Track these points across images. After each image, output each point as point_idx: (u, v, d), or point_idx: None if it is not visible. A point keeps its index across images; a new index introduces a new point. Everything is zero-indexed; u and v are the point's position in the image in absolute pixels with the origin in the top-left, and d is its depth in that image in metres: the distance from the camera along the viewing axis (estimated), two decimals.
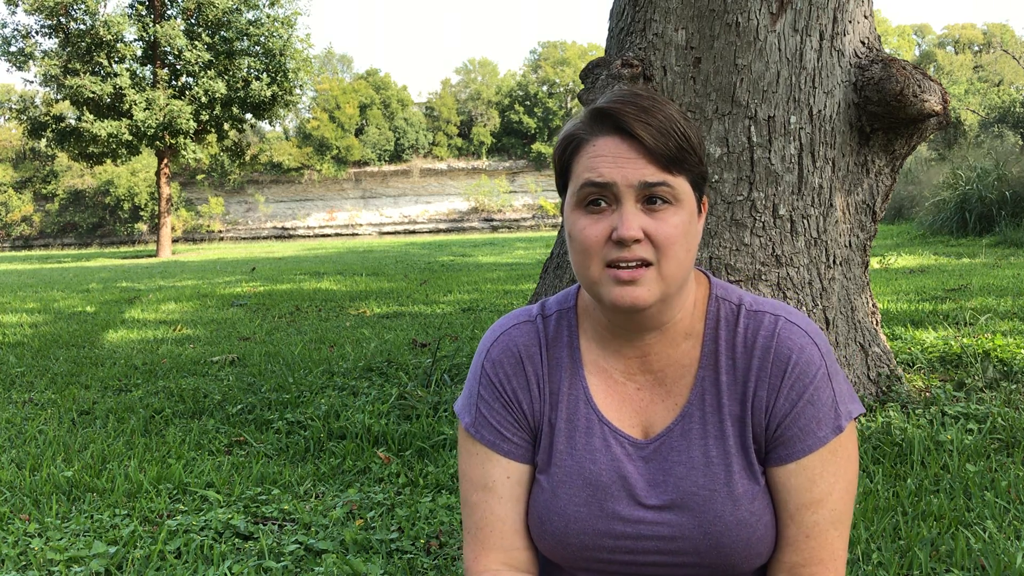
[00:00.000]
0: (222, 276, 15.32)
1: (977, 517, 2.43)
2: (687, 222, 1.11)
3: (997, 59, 55.81)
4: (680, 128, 1.09)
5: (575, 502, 1.17)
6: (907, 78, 3.49)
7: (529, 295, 8.47)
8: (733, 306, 1.19)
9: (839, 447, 1.13)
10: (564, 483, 1.18)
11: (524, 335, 1.24)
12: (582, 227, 1.10)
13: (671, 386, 1.19)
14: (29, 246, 56.13)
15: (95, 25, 28.47)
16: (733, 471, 1.14)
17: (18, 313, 9.35)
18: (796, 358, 1.14)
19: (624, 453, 1.18)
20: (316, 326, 7.33)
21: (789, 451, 1.13)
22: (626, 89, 1.14)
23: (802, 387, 1.13)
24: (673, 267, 1.09)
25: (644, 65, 3.53)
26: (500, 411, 1.22)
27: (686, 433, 1.17)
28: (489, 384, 1.23)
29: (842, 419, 1.13)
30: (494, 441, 1.21)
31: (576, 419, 1.20)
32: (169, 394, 4.57)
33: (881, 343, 3.78)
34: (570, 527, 1.16)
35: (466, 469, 1.23)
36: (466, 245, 27.28)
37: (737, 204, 3.44)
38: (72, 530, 2.65)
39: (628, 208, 1.08)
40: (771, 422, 1.14)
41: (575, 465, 1.19)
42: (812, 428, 1.13)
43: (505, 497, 1.21)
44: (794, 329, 1.15)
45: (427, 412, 3.74)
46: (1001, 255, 11.29)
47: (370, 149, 60.75)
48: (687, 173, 1.11)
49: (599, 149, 1.09)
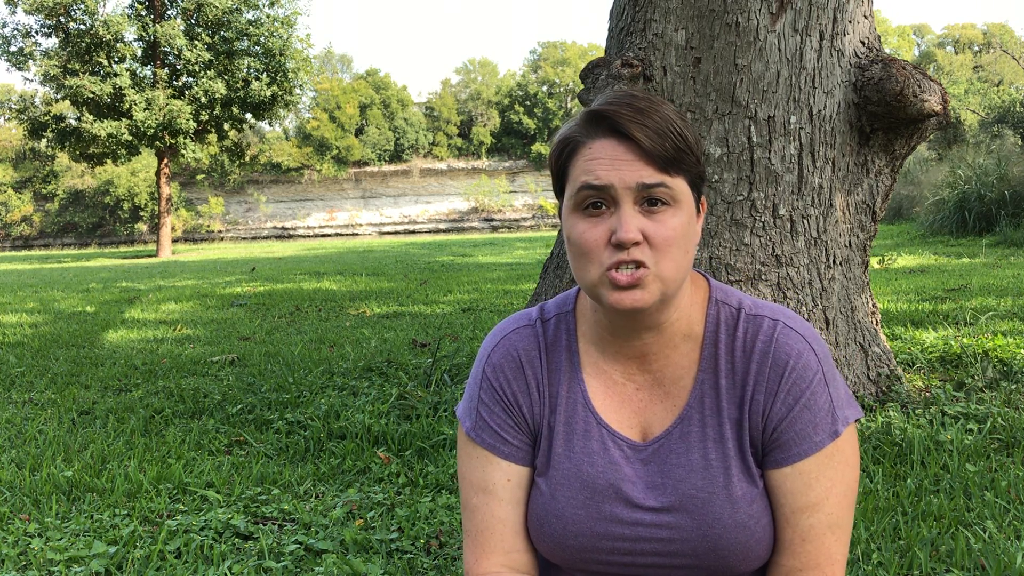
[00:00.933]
0: (222, 276, 15.31)
1: (977, 517, 2.43)
2: (685, 223, 1.10)
3: (997, 59, 55.83)
4: (677, 128, 1.09)
5: (573, 505, 1.17)
6: (907, 78, 3.49)
7: (529, 295, 8.47)
8: (733, 310, 1.19)
9: (836, 452, 1.13)
10: (562, 486, 1.18)
11: (524, 340, 1.25)
12: (581, 231, 1.10)
13: (670, 387, 1.19)
14: (29, 246, 56.13)
15: (95, 25, 28.46)
16: (732, 474, 1.14)
17: (18, 313, 9.35)
18: (793, 363, 1.14)
19: (622, 456, 1.18)
20: (316, 326, 7.33)
21: (785, 455, 1.13)
22: (622, 91, 1.14)
23: (799, 392, 1.13)
24: (671, 268, 1.09)
25: (644, 65, 3.54)
26: (500, 415, 1.22)
27: (685, 436, 1.17)
28: (490, 388, 1.23)
29: (839, 424, 1.13)
30: (494, 444, 1.22)
31: (574, 422, 1.20)
32: (169, 394, 4.57)
33: (881, 343, 3.78)
34: (568, 529, 1.17)
35: (466, 472, 1.24)
36: (466, 245, 27.28)
37: (737, 204, 3.44)
38: (72, 530, 2.65)
39: (626, 210, 1.07)
40: (767, 425, 1.14)
41: (573, 468, 1.19)
42: (808, 432, 1.13)
43: (505, 500, 1.21)
44: (792, 334, 1.16)
45: (427, 412, 3.74)
46: (1001, 255, 11.29)
47: (370, 149, 60.74)
48: (685, 173, 1.10)
49: (595, 152, 1.09)
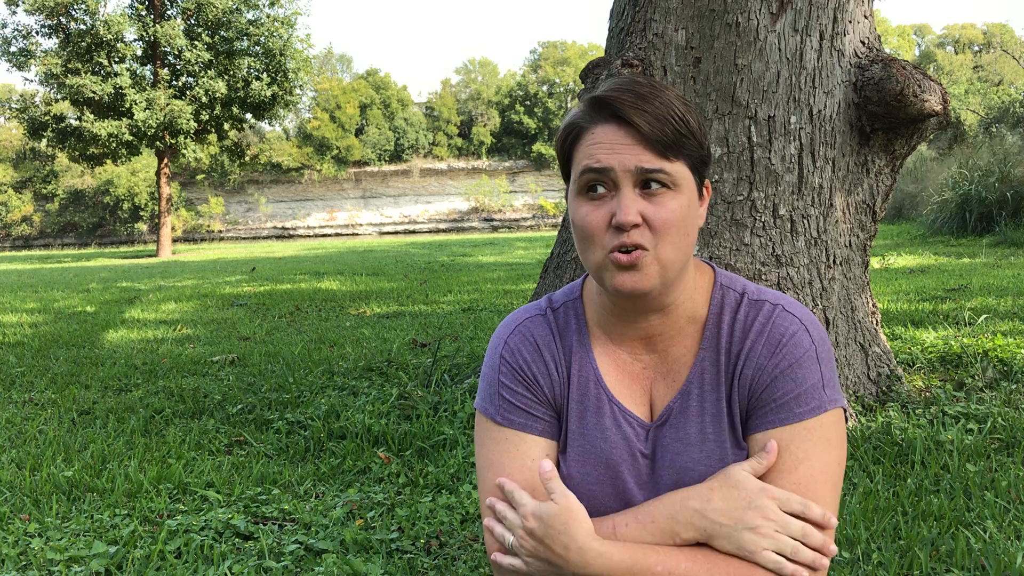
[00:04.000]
0: (222, 276, 15.31)
1: (977, 517, 2.43)
2: (685, 206, 1.13)
3: (997, 59, 55.81)
4: (678, 113, 1.11)
5: (589, 481, 1.21)
6: (907, 78, 3.49)
7: (529, 295, 8.47)
8: (736, 294, 1.22)
9: (816, 427, 1.14)
10: (578, 462, 1.22)
11: (537, 326, 1.28)
12: (584, 213, 1.13)
13: (672, 365, 1.23)
14: (29, 246, 56.13)
15: (95, 25, 28.45)
16: (727, 448, 1.18)
17: (18, 313, 9.35)
18: (786, 340, 1.17)
19: (633, 433, 1.22)
20: (316, 326, 7.33)
21: (762, 421, 1.16)
22: (626, 77, 1.16)
23: (786, 364, 1.15)
24: (671, 251, 1.11)
25: (644, 65, 3.54)
26: (525, 393, 1.24)
27: (684, 410, 1.20)
28: (510, 370, 1.25)
29: (826, 403, 1.15)
30: (525, 423, 1.23)
31: (587, 400, 1.23)
32: (169, 394, 4.57)
33: (881, 343, 3.78)
34: (585, 506, 1.18)
35: (495, 459, 1.22)
36: (466, 245, 27.28)
37: (737, 204, 3.44)
38: (72, 530, 2.65)
39: (626, 193, 1.10)
40: (752, 393, 1.17)
41: (588, 444, 1.22)
42: (789, 403, 1.14)
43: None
44: (788, 316, 1.19)
45: (427, 412, 3.74)
46: (1001, 255, 11.28)
47: (370, 149, 60.74)
48: (686, 158, 1.12)
49: (597, 136, 1.12)
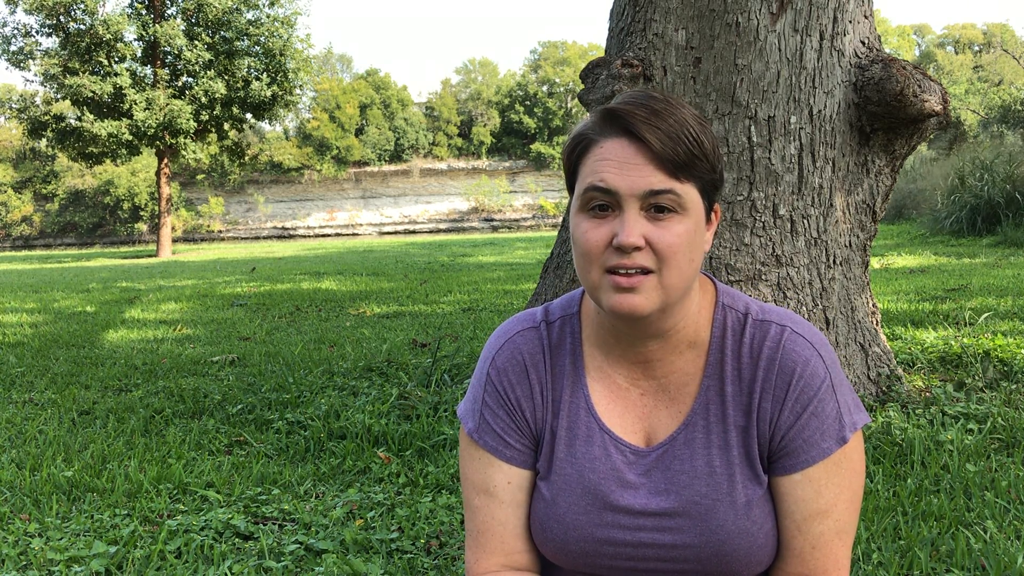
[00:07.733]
0: (222, 276, 15.31)
1: (977, 517, 2.43)
2: (692, 231, 1.08)
3: (997, 59, 55.82)
4: (692, 133, 1.06)
5: (574, 510, 1.17)
6: (907, 78, 3.49)
7: (529, 295, 8.47)
8: (740, 315, 1.18)
9: (843, 458, 1.13)
10: (564, 491, 1.18)
11: (528, 342, 1.23)
12: (584, 230, 1.09)
13: (674, 393, 1.18)
14: (29, 246, 56.13)
15: (95, 24, 28.46)
16: (736, 481, 1.14)
17: (18, 313, 9.34)
18: (800, 370, 1.13)
19: (624, 461, 1.17)
20: (316, 326, 7.32)
21: (794, 462, 1.13)
22: (641, 91, 1.12)
23: (807, 399, 1.12)
24: (674, 276, 1.07)
25: (644, 65, 3.54)
26: (504, 418, 1.21)
27: (690, 442, 1.16)
28: (494, 392, 1.22)
29: (846, 430, 1.13)
30: (496, 447, 1.21)
31: (576, 427, 1.19)
32: (169, 394, 4.57)
33: (881, 343, 3.78)
34: (570, 534, 1.16)
35: (468, 473, 1.23)
36: (466, 245, 27.28)
37: (737, 204, 3.45)
38: (72, 530, 2.65)
39: (630, 215, 1.06)
40: (775, 433, 1.14)
41: (575, 473, 1.18)
42: (816, 440, 1.12)
43: (506, 502, 1.21)
44: (799, 340, 1.15)
45: (427, 412, 3.74)
46: (1002, 255, 11.28)
47: (370, 149, 60.75)
48: (696, 180, 1.08)
49: (606, 152, 1.07)
